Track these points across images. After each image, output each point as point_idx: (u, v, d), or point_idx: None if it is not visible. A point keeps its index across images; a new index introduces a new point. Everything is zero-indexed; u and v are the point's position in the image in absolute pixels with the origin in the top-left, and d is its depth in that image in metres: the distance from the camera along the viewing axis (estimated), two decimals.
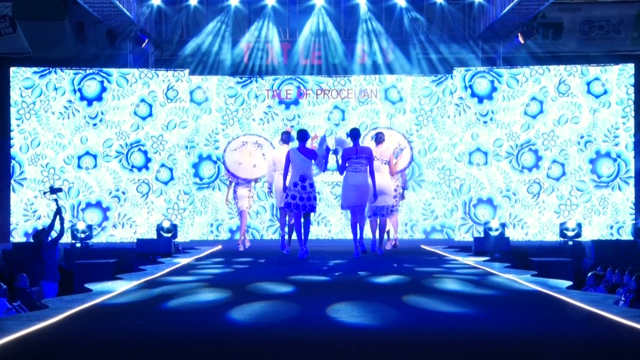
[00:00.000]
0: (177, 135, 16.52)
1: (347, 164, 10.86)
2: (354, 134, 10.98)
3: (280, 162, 11.40)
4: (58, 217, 12.66)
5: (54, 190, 13.04)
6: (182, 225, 16.26)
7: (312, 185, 10.85)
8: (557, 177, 16.31)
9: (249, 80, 17.00)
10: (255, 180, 13.34)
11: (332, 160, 11.57)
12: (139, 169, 16.50)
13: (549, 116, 16.31)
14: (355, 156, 10.79)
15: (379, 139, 11.69)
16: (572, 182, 16.28)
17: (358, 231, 11.06)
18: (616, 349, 5.33)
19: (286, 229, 12.13)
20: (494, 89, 16.37)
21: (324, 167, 11.12)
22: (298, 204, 10.76)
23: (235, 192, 13.20)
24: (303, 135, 10.92)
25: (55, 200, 12.88)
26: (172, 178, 16.48)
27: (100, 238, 16.21)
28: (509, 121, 16.34)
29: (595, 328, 6.05)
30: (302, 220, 10.96)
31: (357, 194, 10.87)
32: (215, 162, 16.86)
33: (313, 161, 10.86)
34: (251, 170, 13.09)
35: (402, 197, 13.02)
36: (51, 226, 12.82)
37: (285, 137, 12.11)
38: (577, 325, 6.22)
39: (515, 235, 15.97)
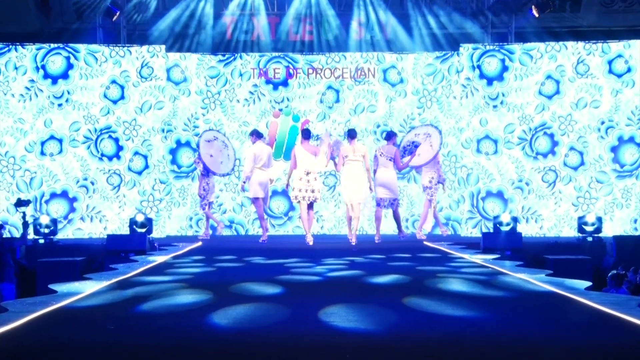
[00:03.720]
0: (152, 118, 16.44)
1: (344, 162, 13.33)
2: (351, 134, 13.60)
3: (259, 156, 14.07)
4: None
5: (21, 203, 13.34)
6: (158, 219, 16.22)
7: (315, 178, 13.53)
8: (575, 167, 16.29)
9: (233, 58, 16.94)
10: (223, 176, 15.84)
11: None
12: (110, 158, 16.42)
13: (566, 98, 16.27)
14: (352, 154, 13.28)
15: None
16: (592, 172, 16.25)
17: (354, 223, 13.51)
18: None
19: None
20: (505, 68, 16.32)
21: (323, 165, 13.66)
22: (304, 195, 13.43)
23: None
24: (307, 134, 13.83)
25: (23, 214, 13.11)
26: (146, 166, 16.40)
27: (66, 232, 16.15)
28: (521, 103, 16.29)
29: (617, 333, 6.07)
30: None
31: (353, 188, 13.32)
32: (195, 150, 16.82)
33: (315, 157, 13.43)
34: (219, 165, 15.49)
35: (443, 188, 15.35)
36: (22, 238, 13.34)
37: (257, 134, 14.44)
38: (596, 330, 6.24)
39: (528, 230, 15.99)
